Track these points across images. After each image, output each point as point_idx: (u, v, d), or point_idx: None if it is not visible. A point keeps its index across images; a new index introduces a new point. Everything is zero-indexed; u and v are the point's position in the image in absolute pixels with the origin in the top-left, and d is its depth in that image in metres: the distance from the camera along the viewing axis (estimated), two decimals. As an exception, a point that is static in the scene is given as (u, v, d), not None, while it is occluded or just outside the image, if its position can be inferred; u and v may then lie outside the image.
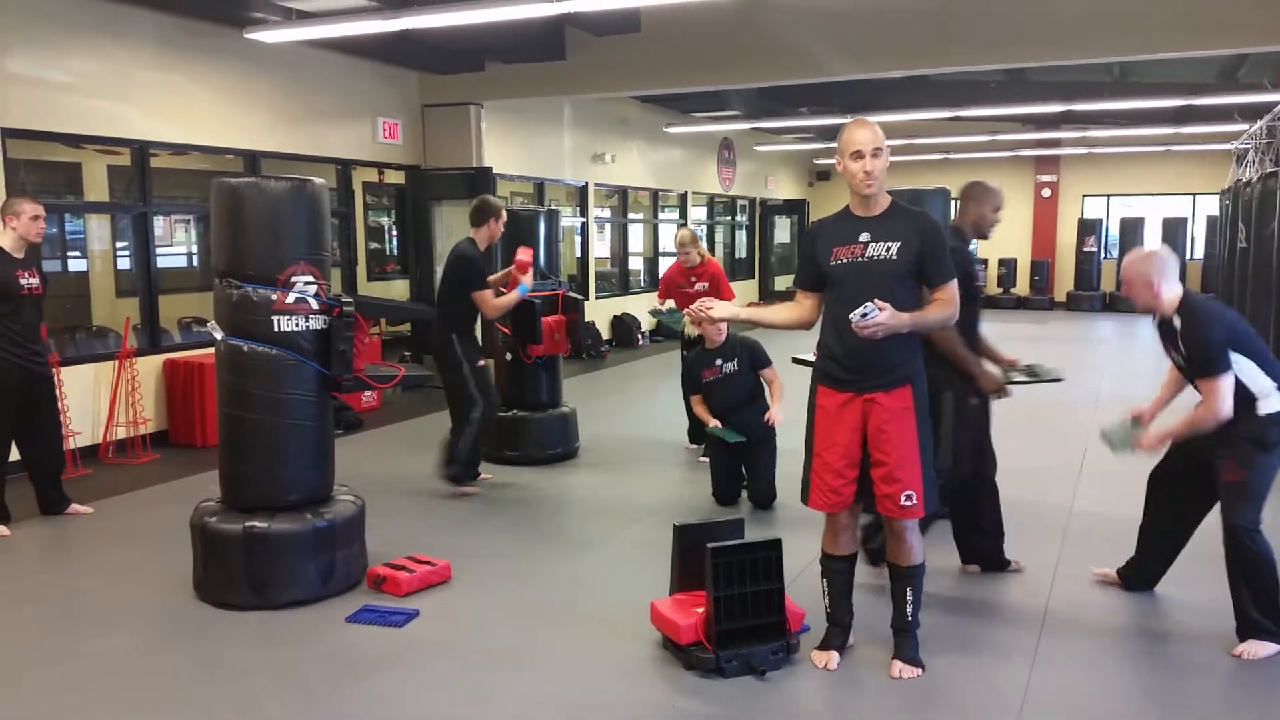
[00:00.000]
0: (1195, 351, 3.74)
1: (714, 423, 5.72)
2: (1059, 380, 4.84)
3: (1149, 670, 3.69)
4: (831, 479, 3.46)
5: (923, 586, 3.58)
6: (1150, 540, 4.32)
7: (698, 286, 7.03)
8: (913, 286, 3.42)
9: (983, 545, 4.63)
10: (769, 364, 5.80)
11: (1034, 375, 4.75)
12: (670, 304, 7.36)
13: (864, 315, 3.19)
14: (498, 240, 6.15)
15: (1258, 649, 3.71)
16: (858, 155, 3.35)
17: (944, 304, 3.41)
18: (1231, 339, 3.72)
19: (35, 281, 5.35)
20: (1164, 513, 4.23)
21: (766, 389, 5.82)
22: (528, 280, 6.05)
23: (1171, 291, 3.81)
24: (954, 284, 3.42)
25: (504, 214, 6.06)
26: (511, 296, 5.97)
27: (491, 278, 6.09)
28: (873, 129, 3.37)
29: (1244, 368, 3.72)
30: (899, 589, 3.57)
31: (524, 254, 6.10)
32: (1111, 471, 6.30)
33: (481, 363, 5.98)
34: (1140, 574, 4.37)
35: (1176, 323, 3.77)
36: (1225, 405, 3.67)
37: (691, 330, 6.69)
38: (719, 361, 5.76)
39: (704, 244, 7.15)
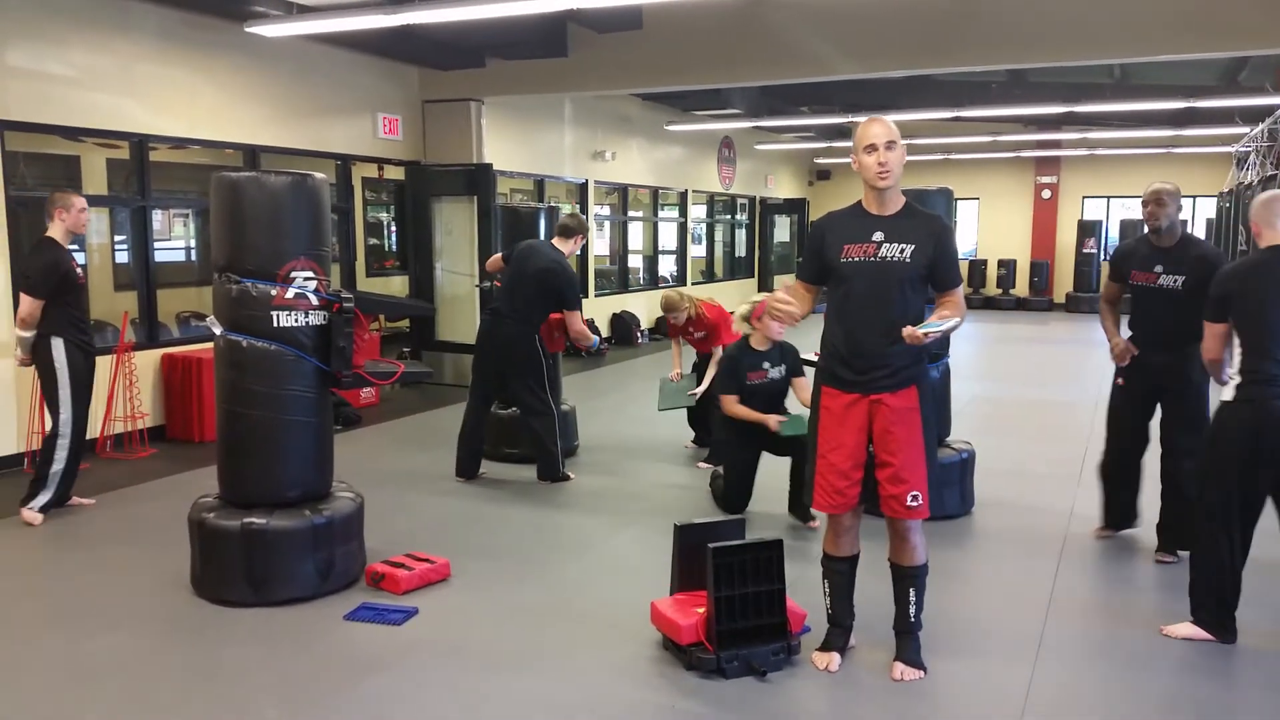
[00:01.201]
0: None
1: (773, 420, 5.24)
2: None
3: (1150, 672, 3.67)
4: (836, 480, 3.45)
5: (925, 588, 3.57)
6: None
7: (697, 335, 6.92)
8: (922, 289, 3.42)
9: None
10: (803, 372, 5.41)
11: None
12: (678, 380, 7.03)
13: (936, 327, 3.21)
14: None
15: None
16: (871, 149, 3.34)
17: (957, 307, 3.38)
18: (1228, 300, 3.77)
19: (80, 271, 5.56)
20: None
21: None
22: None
23: (1267, 240, 3.79)
24: (960, 289, 3.44)
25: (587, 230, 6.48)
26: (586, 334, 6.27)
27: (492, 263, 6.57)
28: (886, 124, 3.36)
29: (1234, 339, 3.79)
30: (902, 590, 3.55)
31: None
32: (1112, 474, 6.29)
33: (550, 359, 6.35)
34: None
35: None
36: (1207, 348, 3.89)
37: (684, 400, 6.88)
38: (766, 365, 5.39)
39: (693, 301, 6.90)
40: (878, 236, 3.37)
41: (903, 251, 3.35)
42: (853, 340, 3.39)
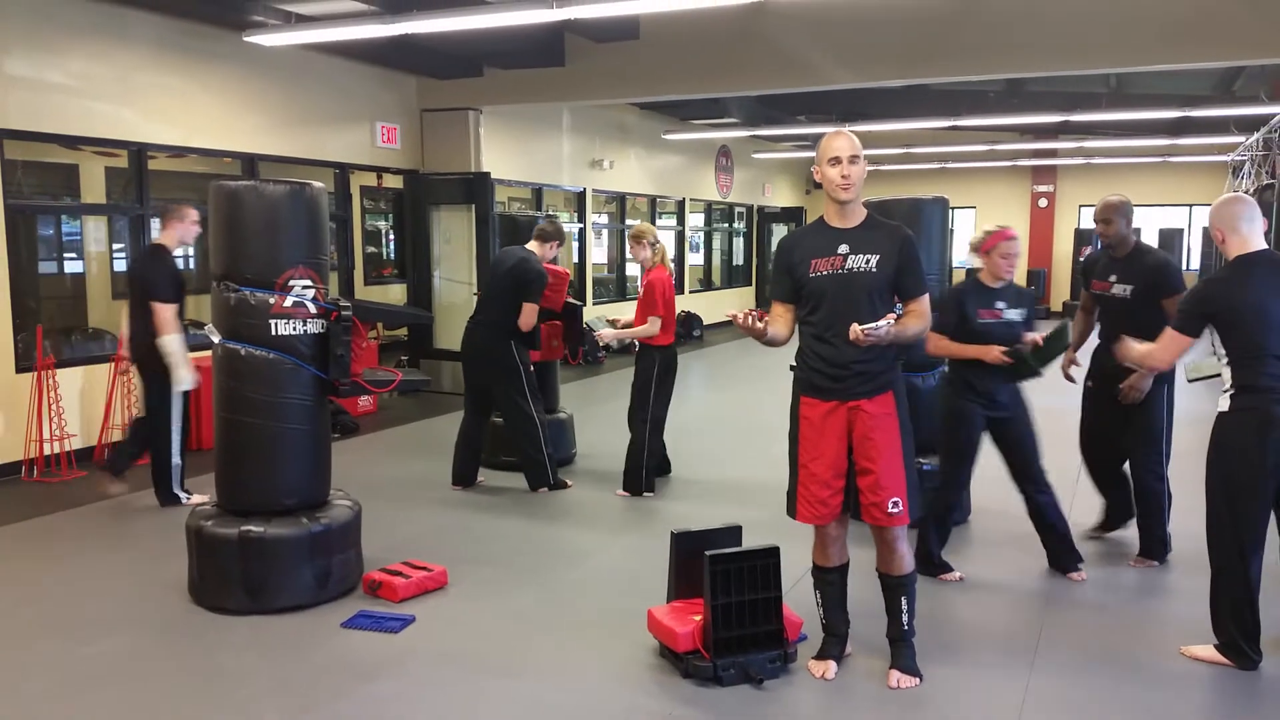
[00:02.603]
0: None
1: (995, 350, 4.37)
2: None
3: (1147, 680, 3.68)
4: (819, 490, 3.47)
5: (916, 595, 3.58)
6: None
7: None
8: (890, 299, 3.45)
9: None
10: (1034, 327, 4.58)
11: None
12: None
13: (875, 328, 3.23)
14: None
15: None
16: (835, 161, 3.40)
17: (919, 316, 3.43)
18: (1214, 315, 3.67)
19: None
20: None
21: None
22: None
23: (1235, 247, 3.67)
24: (926, 298, 3.46)
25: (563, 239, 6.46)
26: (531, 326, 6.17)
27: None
28: (849, 138, 3.43)
29: (1220, 353, 3.72)
30: (893, 599, 3.57)
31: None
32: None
33: (532, 366, 6.26)
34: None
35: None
36: (1164, 357, 3.81)
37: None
38: (1001, 305, 4.52)
39: (658, 250, 6.16)
40: (843, 249, 3.42)
41: (868, 262, 3.39)
42: (827, 350, 3.42)
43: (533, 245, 6.30)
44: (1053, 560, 4.73)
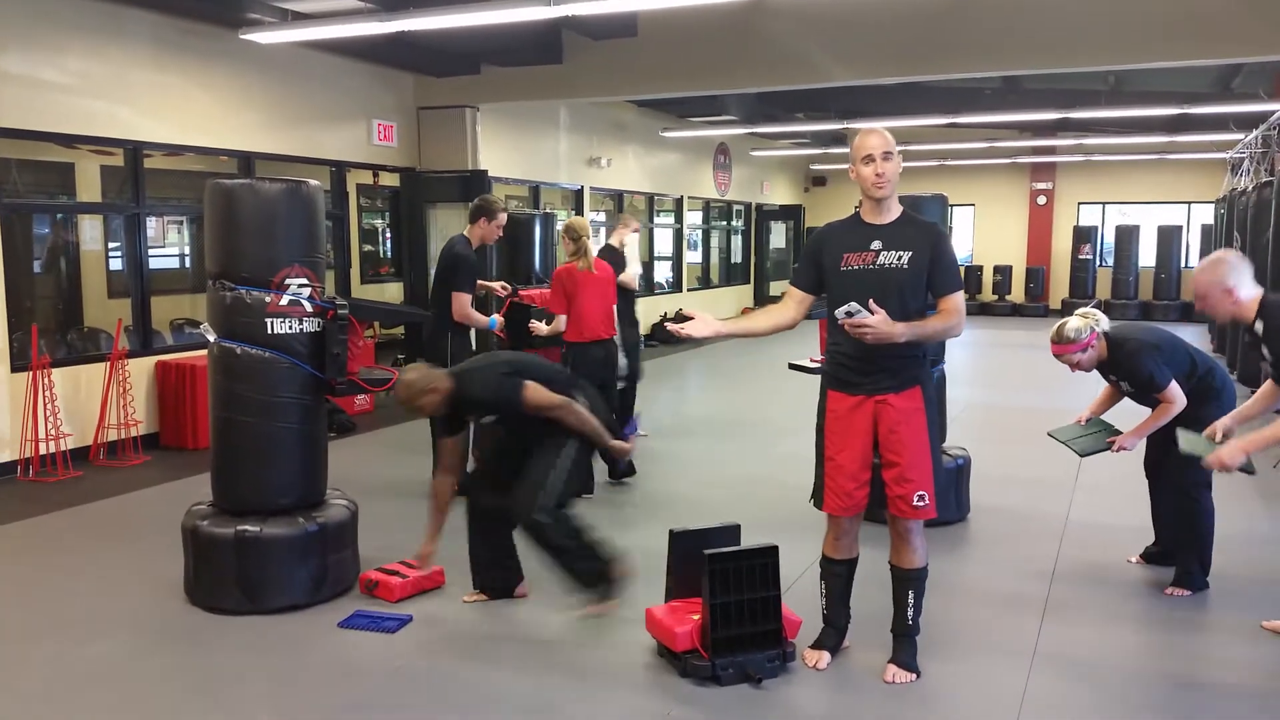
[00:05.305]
0: None
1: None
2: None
3: (1146, 679, 3.67)
4: (845, 482, 3.48)
5: (925, 591, 3.57)
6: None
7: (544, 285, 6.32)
8: (921, 294, 3.43)
9: None
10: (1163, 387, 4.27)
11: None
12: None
13: (848, 314, 3.24)
14: (492, 242, 6.07)
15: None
16: (869, 160, 3.38)
17: (947, 314, 3.40)
18: None
19: None
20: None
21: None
22: (498, 318, 6.10)
23: (1249, 294, 3.67)
24: (959, 295, 3.42)
25: (501, 216, 5.89)
26: (481, 320, 5.86)
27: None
28: (883, 135, 3.40)
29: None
30: (901, 592, 3.56)
31: (503, 291, 6.38)
32: (1105, 481, 6.32)
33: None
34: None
35: (1259, 327, 3.65)
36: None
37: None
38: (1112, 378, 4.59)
39: (581, 245, 6.02)
40: (876, 245, 3.41)
41: (900, 259, 3.38)
42: (855, 346, 3.39)
43: (467, 229, 5.87)
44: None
